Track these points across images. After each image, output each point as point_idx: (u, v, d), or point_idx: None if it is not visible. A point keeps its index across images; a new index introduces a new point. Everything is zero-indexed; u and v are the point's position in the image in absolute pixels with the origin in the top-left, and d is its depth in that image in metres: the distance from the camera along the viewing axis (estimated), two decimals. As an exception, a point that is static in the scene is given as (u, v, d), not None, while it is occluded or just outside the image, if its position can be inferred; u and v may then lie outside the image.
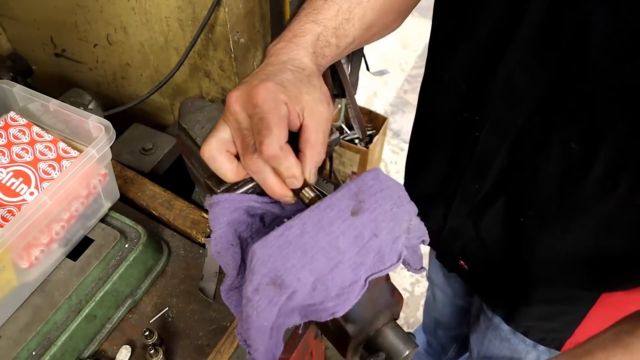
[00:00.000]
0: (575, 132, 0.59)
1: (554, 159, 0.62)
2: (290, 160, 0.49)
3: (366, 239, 0.49)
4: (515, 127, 0.65)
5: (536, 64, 0.59)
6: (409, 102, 2.86)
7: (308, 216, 0.48)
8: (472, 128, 0.70)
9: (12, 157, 0.73)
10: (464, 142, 0.73)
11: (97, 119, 0.72)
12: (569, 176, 0.62)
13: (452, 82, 0.73)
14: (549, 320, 0.82)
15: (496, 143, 0.68)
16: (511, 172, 0.69)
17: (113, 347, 0.76)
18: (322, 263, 0.47)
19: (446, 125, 0.78)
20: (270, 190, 0.52)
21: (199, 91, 1.16)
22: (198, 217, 0.90)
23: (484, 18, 0.64)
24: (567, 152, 0.60)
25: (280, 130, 0.49)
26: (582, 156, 0.59)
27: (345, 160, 2.12)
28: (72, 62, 1.28)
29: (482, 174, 0.72)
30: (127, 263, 0.77)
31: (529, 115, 0.63)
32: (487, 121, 0.68)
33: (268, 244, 0.47)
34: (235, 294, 0.55)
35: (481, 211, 0.77)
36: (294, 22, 0.60)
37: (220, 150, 0.51)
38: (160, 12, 1.02)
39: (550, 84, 0.59)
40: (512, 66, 0.61)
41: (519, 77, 0.61)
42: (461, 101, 0.72)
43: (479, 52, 0.66)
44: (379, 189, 0.51)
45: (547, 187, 0.65)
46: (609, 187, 0.59)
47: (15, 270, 0.67)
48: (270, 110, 0.49)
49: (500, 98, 0.64)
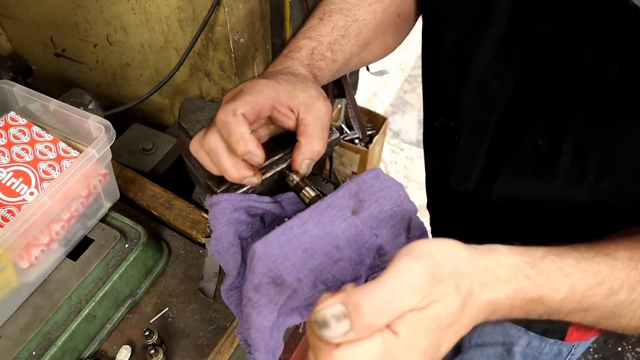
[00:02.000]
0: (540, 128, 0.61)
1: (526, 154, 0.64)
2: (242, 131, 0.48)
3: (366, 238, 0.49)
4: (490, 126, 0.66)
5: (503, 65, 0.61)
6: (408, 102, 2.86)
7: (308, 215, 0.48)
8: (452, 133, 0.72)
9: (12, 157, 0.73)
10: (447, 146, 0.75)
11: (97, 119, 0.72)
12: (540, 170, 0.64)
13: (429, 88, 0.76)
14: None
15: (476, 144, 0.70)
16: (491, 171, 0.70)
17: (113, 347, 0.76)
18: (322, 262, 0.47)
19: (431, 131, 0.81)
20: (225, 173, 0.50)
21: (199, 91, 1.16)
22: (198, 217, 0.90)
23: (450, 25, 0.66)
24: (536, 148, 0.62)
25: (244, 103, 0.48)
26: (549, 150, 0.61)
27: (345, 160, 2.12)
28: (72, 62, 1.28)
29: (466, 175, 0.74)
30: (127, 263, 0.77)
31: (501, 115, 0.65)
32: (464, 125, 0.69)
33: (268, 243, 0.47)
34: (235, 293, 0.55)
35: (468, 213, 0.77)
36: (290, 41, 0.64)
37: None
38: (160, 12, 1.02)
39: (517, 84, 0.61)
40: (482, 69, 0.64)
41: (490, 79, 0.63)
42: (437, 107, 0.75)
43: (450, 57, 0.68)
44: (379, 188, 0.51)
45: (525, 182, 0.67)
46: (577, 176, 0.61)
47: (15, 270, 0.66)
48: (247, 91, 0.50)
49: (475, 101, 0.66)
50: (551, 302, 0.44)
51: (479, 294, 0.40)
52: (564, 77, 0.56)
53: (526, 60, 0.59)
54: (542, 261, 0.44)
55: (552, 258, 0.45)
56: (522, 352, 0.92)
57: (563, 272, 0.45)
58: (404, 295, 0.35)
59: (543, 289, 0.43)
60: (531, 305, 0.44)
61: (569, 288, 0.44)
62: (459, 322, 0.39)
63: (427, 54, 0.77)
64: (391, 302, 0.35)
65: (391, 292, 0.35)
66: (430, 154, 0.86)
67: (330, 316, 0.34)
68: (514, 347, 0.92)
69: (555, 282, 0.44)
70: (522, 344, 0.91)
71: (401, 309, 0.35)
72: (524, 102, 0.62)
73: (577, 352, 0.91)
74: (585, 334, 0.86)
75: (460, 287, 0.38)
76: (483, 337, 0.98)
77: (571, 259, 0.46)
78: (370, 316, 0.34)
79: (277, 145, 0.66)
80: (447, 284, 0.37)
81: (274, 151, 0.64)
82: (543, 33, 0.56)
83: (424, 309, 0.36)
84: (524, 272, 0.43)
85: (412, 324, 0.36)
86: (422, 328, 0.36)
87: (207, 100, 1.14)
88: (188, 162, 0.89)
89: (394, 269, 0.37)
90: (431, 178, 0.88)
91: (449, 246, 0.40)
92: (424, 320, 0.36)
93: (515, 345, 0.92)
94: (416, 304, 0.36)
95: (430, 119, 0.81)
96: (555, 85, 0.58)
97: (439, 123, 0.76)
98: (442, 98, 0.74)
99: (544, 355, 0.90)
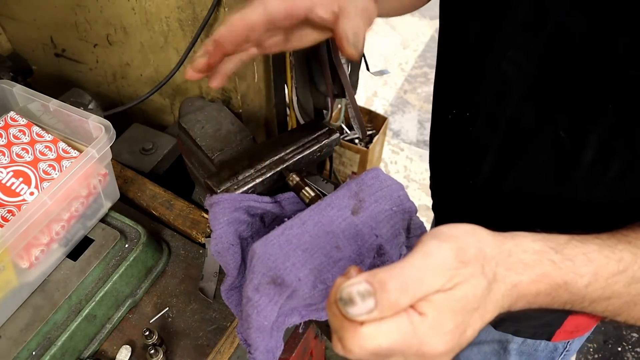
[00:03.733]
0: (563, 121, 0.59)
1: (545, 149, 0.62)
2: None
3: (366, 237, 0.49)
4: (504, 119, 0.65)
5: (522, 55, 0.60)
6: (409, 102, 2.86)
7: (308, 215, 0.48)
8: (465, 124, 0.71)
9: (12, 157, 0.73)
10: (459, 138, 0.74)
11: (97, 119, 0.72)
12: (560, 164, 0.62)
13: (445, 79, 0.75)
14: (538, 318, 0.82)
15: (488, 137, 0.68)
16: (504, 165, 0.69)
17: (113, 347, 0.76)
18: (322, 262, 0.47)
19: (443, 124, 0.79)
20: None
21: (199, 91, 1.16)
22: (198, 217, 0.90)
23: (473, 14, 0.65)
24: (557, 141, 0.61)
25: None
26: (572, 144, 0.60)
27: (345, 160, 2.11)
28: (72, 62, 1.28)
29: (476, 168, 0.73)
30: (127, 263, 0.77)
31: (517, 106, 0.63)
32: (478, 116, 0.68)
33: (268, 243, 0.47)
34: (235, 293, 0.55)
35: (477, 207, 0.77)
36: None
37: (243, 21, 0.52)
38: (160, 12, 1.02)
39: (537, 75, 0.59)
40: (499, 58, 0.62)
41: (507, 69, 0.62)
42: (454, 98, 0.73)
43: (471, 48, 0.67)
44: (379, 188, 0.51)
45: (540, 176, 0.65)
46: (599, 172, 0.60)
47: (15, 270, 0.66)
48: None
49: (489, 91, 0.65)
50: (576, 287, 0.44)
51: (504, 278, 0.40)
52: (596, 68, 0.54)
53: (549, 51, 0.57)
54: (566, 246, 0.44)
55: (576, 244, 0.45)
56: (518, 350, 0.92)
57: (587, 257, 0.44)
58: (430, 276, 0.35)
59: (568, 274, 0.43)
60: (556, 292, 0.43)
61: (592, 274, 0.44)
62: (484, 305, 0.39)
63: (445, 43, 0.75)
64: (417, 282, 0.35)
65: (417, 273, 0.35)
66: (439, 148, 0.84)
67: (355, 293, 0.33)
68: (510, 344, 0.92)
69: (580, 268, 0.44)
70: (518, 341, 0.91)
71: (427, 290, 0.35)
72: (544, 94, 0.60)
73: (573, 347, 0.91)
74: (571, 333, 0.86)
75: (486, 270, 0.38)
76: (479, 335, 0.98)
77: (594, 245, 0.46)
78: (395, 294, 0.34)
79: (277, 144, 0.66)
80: (473, 267, 0.37)
81: (274, 151, 0.64)
82: (570, 22, 0.54)
83: (450, 291, 0.36)
84: (548, 257, 0.43)
85: (438, 305, 0.35)
86: (447, 309, 0.36)
87: (207, 100, 1.14)
88: (188, 162, 0.89)
89: (420, 250, 0.36)
90: (438, 174, 0.87)
91: (474, 230, 0.40)
92: (449, 302, 0.36)
93: (511, 343, 0.92)
94: (442, 285, 0.36)
95: (442, 111, 0.79)
96: (584, 77, 0.55)
97: (453, 115, 0.74)
98: (457, 89, 0.72)
99: (539, 352, 0.90)
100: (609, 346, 1.93)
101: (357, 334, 0.34)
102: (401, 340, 0.35)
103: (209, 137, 0.82)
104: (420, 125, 2.71)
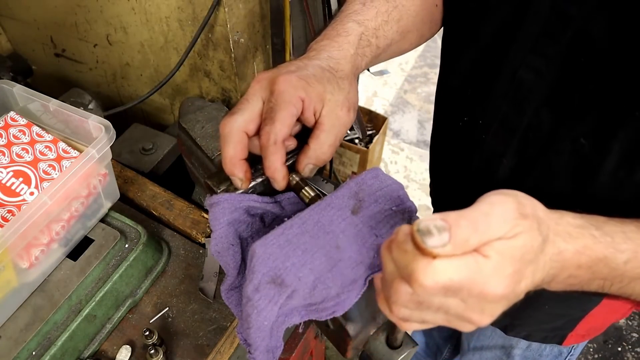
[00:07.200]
0: (584, 128, 0.59)
1: (564, 154, 0.62)
2: (276, 159, 0.51)
3: (366, 237, 0.49)
4: (521, 126, 0.64)
5: (541, 61, 0.59)
6: (409, 102, 2.86)
7: (308, 215, 0.48)
8: (478, 131, 0.70)
9: (12, 157, 0.73)
10: (470, 146, 0.73)
11: (97, 119, 0.72)
12: (581, 170, 0.62)
13: (457, 87, 0.73)
14: (551, 322, 0.82)
15: (503, 143, 0.67)
16: (521, 171, 0.69)
17: (113, 347, 0.76)
18: (322, 262, 0.47)
19: (451, 131, 0.78)
20: (224, 159, 0.53)
21: (199, 91, 1.16)
22: (198, 217, 0.90)
23: (487, 19, 0.64)
24: (577, 148, 0.61)
25: (283, 125, 0.50)
26: (593, 150, 0.60)
27: (345, 160, 2.12)
28: (72, 62, 1.28)
29: (491, 176, 0.72)
30: (127, 263, 0.77)
31: (534, 113, 0.63)
32: (492, 123, 0.67)
33: (268, 243, 0.47)
34: (235, 293, 0.55)
35: None
36: (335, 22, 0.62)
37: (239, 130, 0.51)
38: (160, 12, 1.02)
39: (556, 81, 0.59)
40: (516, 65, 0.61)
41: (524, 76, 0.61)
42: (465, 105, 0.72)
43: (483, 54, 0.66)
44: (379, 188, 0.51)
45: (559, 182, 0.65)
46: (623, 175, 0.59)
47: (15, 270, 0.66)
48: (282, 104, 0.50)
49: (506, 98, 0.64)
50: (615, 262, 0.46)
51: (553, 241, 0.43)
52: (619, 74, 0.54)
53: (570, 57, 0.57)
54: (605, 224, 0.47)
55: (615, 223, 0.48)
56: (522, 355, 0.91)
57: (626, 235, 0.47)
58: (495, 222, 0.38)
59: (608, 248, 0.46)
60: (597, 265, 0.46)
61: (632, 251, 0.46)
62: (537, 261, 0.41)
63: (451, 49, 0.74)
64: (485, 225, 0.38)
65: (485, 217, 0.38)
66: (445, 155, 0.83)
67: (432, 226, 0.36)
68: (514, 349, 0.91)
69: (619, 244, 0.46)
70: (522, 347, 0.90)
71: (492, 234, 0.38)
72: (564, 101, 0.59)
73: (576, 351, 0.90)
74: (583, 336, 0.85)
75: (542, 229, 0.41)
76: (482, 340, 0.98)
77: (632, 226, 0.48)
78: (467, 232, 0.37)
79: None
80: (531, 221, 0.40)
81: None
82: (592, 28, 0.54)
83: (512, 239, 0.39)
84: (589, 231, 0.45)
85: (500, 250, 0.38)
86: (508, 255, 0.38)
87: (207, 100, 1.14)
88: (188, 162, 0.89)
89: (486, 200, 0.39)
90: (440, 180, 0.86)
91: (529, 196, 0.42)
92: (511, 249, 0.38)
93: (514, 348, 0.91)
94: (505, 233, 0.38)
95: (449, 119, 0.78)
96: (607, 83, 0.55)
97: (464, 122, 0.73)
98: (467, 96, 0.71)
99: (544, 357, 0.90)
100: (609, 346, 1.93)
101: (430, 266, 0.36)
102: (470, 277, 0.37)
103: (209, 137, 0.82)
104: (420, 125, 2.71)
